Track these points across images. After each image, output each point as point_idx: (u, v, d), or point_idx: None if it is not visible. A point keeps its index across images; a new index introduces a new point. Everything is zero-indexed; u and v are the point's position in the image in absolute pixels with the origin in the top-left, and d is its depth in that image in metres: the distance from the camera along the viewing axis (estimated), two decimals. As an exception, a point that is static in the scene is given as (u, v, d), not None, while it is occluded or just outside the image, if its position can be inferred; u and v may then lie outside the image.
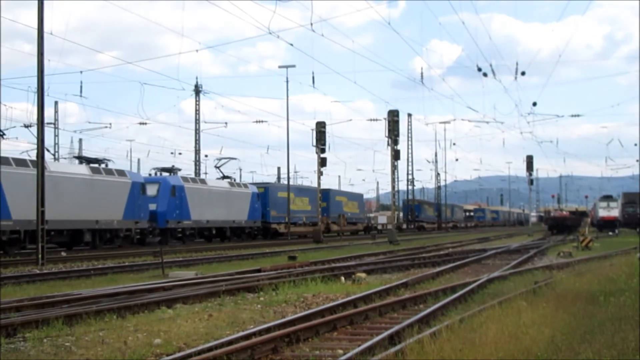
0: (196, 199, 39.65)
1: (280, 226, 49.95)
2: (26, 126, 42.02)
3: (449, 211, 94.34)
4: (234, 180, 46.93)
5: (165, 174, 40.18)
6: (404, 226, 76.15)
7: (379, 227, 66.94)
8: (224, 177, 46.27)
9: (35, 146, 25.21)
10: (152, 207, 35.37)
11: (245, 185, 47.72)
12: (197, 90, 54.10)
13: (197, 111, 54.66)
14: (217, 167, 47.05)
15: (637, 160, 74.82)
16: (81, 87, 37.92)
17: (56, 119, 57.35)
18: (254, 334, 8.64)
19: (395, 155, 45.03)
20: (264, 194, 48.21)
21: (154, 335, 9.25)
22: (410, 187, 79.06)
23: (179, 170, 42.45)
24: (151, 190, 36.19)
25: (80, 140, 66.24)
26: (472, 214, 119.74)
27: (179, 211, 37.98)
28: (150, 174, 40.67)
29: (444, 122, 78.61)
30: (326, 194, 56.58)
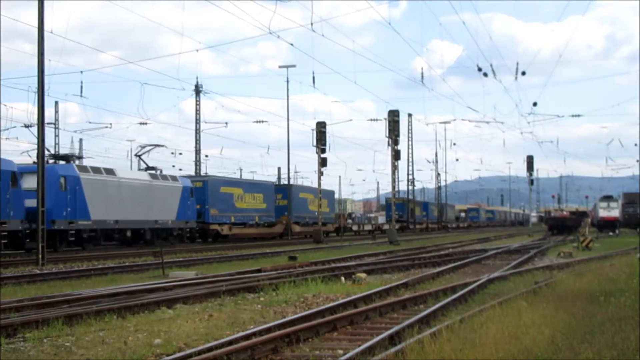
0: (98, 194, 31.70)
1: (224, 227, 42.48)
2: (27, 126, 42.06)
3: (437, 210, 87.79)
4: (159, 171, 38.65)
5: (62, 162, 32.23)
6: (385, 227, 69.77)
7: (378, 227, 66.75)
8: (148, 168, 38.81)
9: (36, 146, 25.19)
10: (31, 203, 25.38)
11: (174, 178, 39.22)
12: (198, 90, 54.12)
13: (198, 111, 54.68)
14: (138, 156, 39.84)
15: (637, 161, 74.75)
16: (81, 87, 37.86)
17: (57, 119, 57.35)
18: (254, 334, 8.64)
19: (396, 155, 45.02)
20: (201, 189, 40.91)
21: (154, 336, 9.24)
22: (410, 187, 79.01)
23: (80, 157, 36.47)
24: (31, 182, 26.47)
25: (81, 140, 66.27)
26: (463, 214, 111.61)
27: (70, 209, 30.04)
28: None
29: (444, 122, 78.56)
30: (286, 190, 51.73)
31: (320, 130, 45.07)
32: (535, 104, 47.25)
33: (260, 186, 49.48)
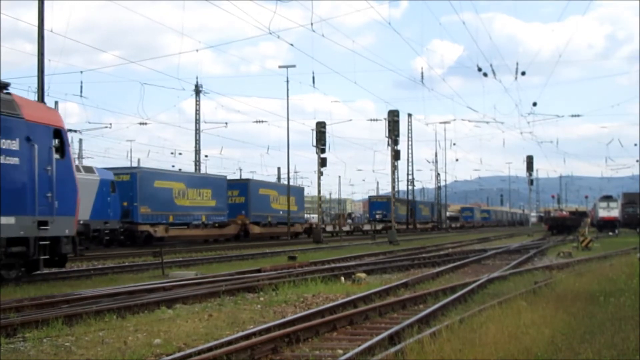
0: None
1: (157, 228, 36.65)
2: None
3: (427, 210, 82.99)
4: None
5: None
6: (367, 227, 65.43)
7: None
8: None
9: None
10: None
11: (89, 169, 32.02)
12: (197, 90, 54.12)
13: (197, 111, 54.67)
14: None
15: (637, 161, 74.80)
16: (81, 87, 37.82)
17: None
18: (253, 334, 8.64)
19: (396, 156, 45.05)
20: (129, 184, 35.10)
21: (154, 335, 9.25)
22: (410, 187, 79.03)
23: None
24: None
25: (81, 140, 66.21)
26: (457, 213, 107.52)
27: None
28: None
29: (444, 122, 78.71)
30: (244, 186, 46.53)
31: (320, 130, 45.08)
32: (535, 104, 47.37)
33: (209, 181, 43.20)
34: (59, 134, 16.85)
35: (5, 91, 15.68)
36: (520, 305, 10.55)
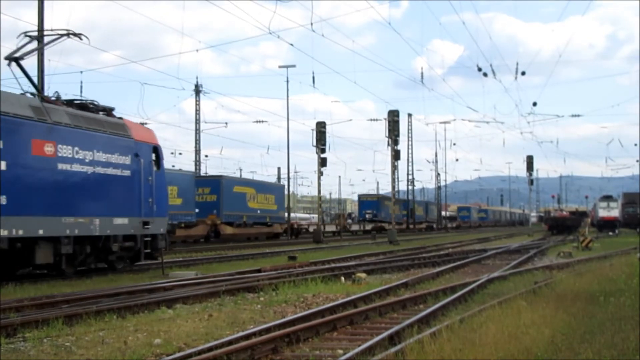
0: None
1: None
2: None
3: (421, 210, 79.17)
4: None
5: None
6: (356, 227, 63.59)
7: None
8: None
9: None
10: None
11: None
12: (197, 90, 54.13)
13: (197, 111, 54.68)
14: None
15: (637, 161, 74.81)
16: (81, 87, 37.87)
17: (56, 119, 57.23)
18: (254, 334, 8.64)
19: (396, 155, 45.06)
20: None
21: (154, 335, 9.25)
22: (410, 187, 79.01)
23: None
24: None
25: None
26: (454, 213, 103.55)
27: None
28: None
29: (444, 122, 78.63)
30: (216, 183, 42.86)
31: (320, 130, 45.09)
32: (535, 104, 47.47)
33: (173, 177, 38.01)
34: (156, 150, 20.72)
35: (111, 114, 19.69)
36: (520, 305, 10.55)
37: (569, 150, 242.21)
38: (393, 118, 43.29)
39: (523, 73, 36.87)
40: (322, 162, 45.66)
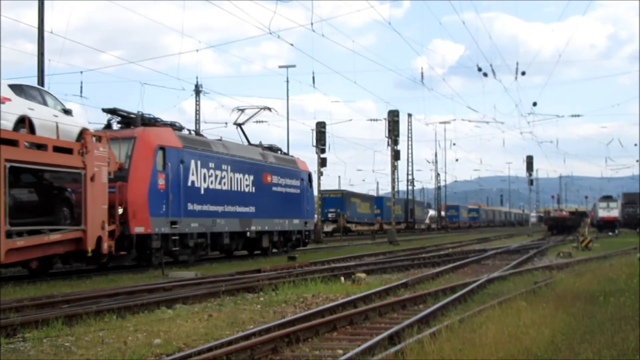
0: None
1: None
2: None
3: (398, 209, 68.60)
4: None
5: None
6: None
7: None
8: None
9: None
10: None
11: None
12: (197, 90, 54.09)
13: (197, 111, 54.63)
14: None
15: (637, 161, 74.86)
16: (81, 87, 37.79)
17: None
18: (253, 334, 8.64)
19: (395, 156, 45.03)
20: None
21: (154, 336, 9.25)
22: (410, 188, 78.99)
23: None
24: None
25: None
26: (431, 212, 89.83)
27: None
28: None
29: (444, 122, 78.49)
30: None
31: (320, 130, 45.07)
32: (535, 104, 47.45)
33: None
34: (309, 175, 32.33)
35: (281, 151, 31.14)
36: (520, 305, 10.55)
37: (569, 150, 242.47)
38: (393, 118, 43.26)
39: (523, 73, 36.87)
40: (322, 162, 45.63)
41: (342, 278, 17.12)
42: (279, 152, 30.16)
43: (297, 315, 10.36)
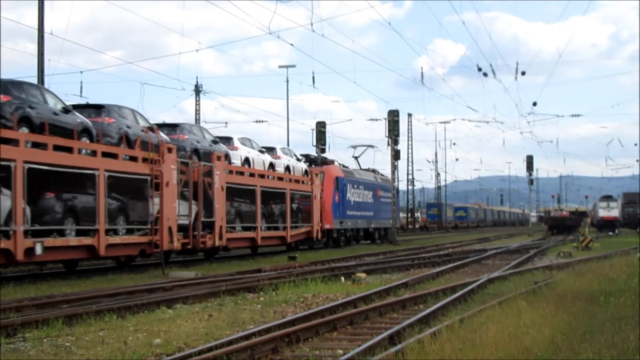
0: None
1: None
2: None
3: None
4: None
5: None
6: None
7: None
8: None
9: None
10: None
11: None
12: (197, 90, 54.08)
13: (197, 111, 54.61)
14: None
15: (637, 160, 74.86)
16: (81, 87, 37.79)
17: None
18: (254, 334, 8.64)
19: (396, 155, 45.00)
20: None
21: (154, 335, 9.25)
22: (410, 187, 78.95)
23: None
24: None
25: (80, 140, 65.96)
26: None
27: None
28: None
29: (444, 122, 78.46)
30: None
31: (320, 130, 45.04)
32: (535, 104, 47.42)
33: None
34: (394, 187, 44.21)
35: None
36: (520, 305, 10.55)
37: (569, 150, 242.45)
38: (393, 118, 43.24)
39: (523, 73, 36.90)
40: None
41: (343, 278, 17.12)
42: (377, 172, 44.08)
43: (298, 315, 10.37)
